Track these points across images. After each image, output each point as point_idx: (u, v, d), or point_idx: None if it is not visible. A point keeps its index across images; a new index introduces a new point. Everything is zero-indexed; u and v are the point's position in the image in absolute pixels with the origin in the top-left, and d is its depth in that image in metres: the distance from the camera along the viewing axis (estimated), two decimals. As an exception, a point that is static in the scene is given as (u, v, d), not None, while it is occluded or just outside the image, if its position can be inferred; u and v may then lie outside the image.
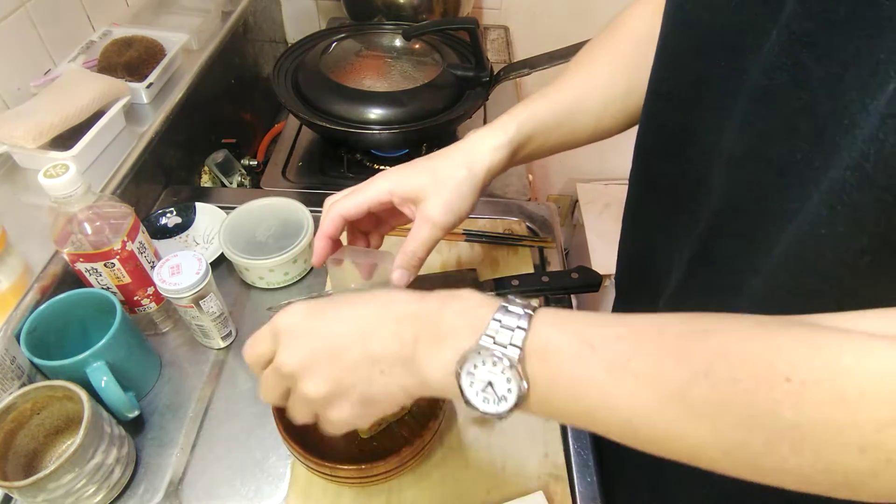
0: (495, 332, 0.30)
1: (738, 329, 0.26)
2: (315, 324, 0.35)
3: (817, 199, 0.28)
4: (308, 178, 0.89)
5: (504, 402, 0.30)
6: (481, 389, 0.30)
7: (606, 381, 0.28)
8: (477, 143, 0.48)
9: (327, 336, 0.35)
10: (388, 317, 0.34)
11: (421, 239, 0.46)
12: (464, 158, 0.47)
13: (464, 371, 0.30)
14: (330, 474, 0.46)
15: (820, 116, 0.28)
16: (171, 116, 0.81)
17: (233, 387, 0.61)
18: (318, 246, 0.48)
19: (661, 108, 0.43)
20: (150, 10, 0.97)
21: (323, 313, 0.36)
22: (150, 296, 0.62)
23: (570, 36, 0.75)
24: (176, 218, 0.75)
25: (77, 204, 0.53)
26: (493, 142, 0.48)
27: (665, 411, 0.26)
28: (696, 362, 0.26)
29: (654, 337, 0.28)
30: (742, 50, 0.33)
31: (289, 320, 0.36)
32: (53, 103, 0.69)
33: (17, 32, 0.73)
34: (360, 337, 0.34)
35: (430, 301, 0.34)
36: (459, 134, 0.97)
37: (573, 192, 1.65)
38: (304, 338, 0.35)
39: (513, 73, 0.83)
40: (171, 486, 0.53)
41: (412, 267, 0.46)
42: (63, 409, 0.51)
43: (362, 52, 0.90)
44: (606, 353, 0.28)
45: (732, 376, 0.24)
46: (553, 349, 0.29)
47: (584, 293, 0.68)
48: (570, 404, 0.29)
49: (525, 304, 0.31)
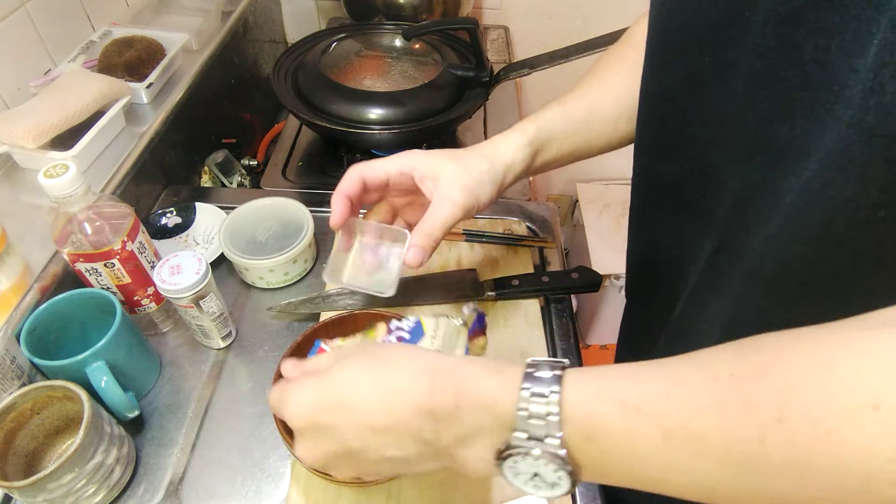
0: (526, 426, 0.27)
1: (798, 357, 0.23)
2: (325, 424, 0.33)
3: (823, 164, 0.27)
4: (308, 178, 0.89)
5: (558, 488, 0.28)
6: (529, 479, 0.28)
7: (665, 450, 0.25)
8: (498, 141, 0.49)
9: (340, 441, 0.33)
10: (401, 416, 0.31)
11: (439, 216, 0.44)
12: (485, 153, 0.48)
13: (505, 466, 0.28)
14: (330, 474, 0.46)
15: (812, 89, 0.28)
16: (171, 116, 0.81)
17: (233, 387, 0.61)
18: (335, 203, 0.47)
19: (655, 108, 0.43)
20: (150, 10, 0.97)
21: (331, 410, 0.33)
22: (150, 296, 0.62)
23: (570, 36, 0.76)
24: (176, 218, 0.75)
25: (77, 204, 0.53)
26: (513, 141, 0.48)
27: (740, 472, 0.23)
28: (764, 408, 0.23)
29: (707, 385, 0.25)
30: (725, 42, 0.33)
31: (298, 416, 0.34)
32: (53, 103, 0.69)
33: (17, 32, 0.73)
34: (377, 446, 0.32)
35: (441, 393, 0.30)
36: (459, 134, 0.97)
37: (573, 192, 1.65)
38: (318, 440, 0.34)
39: (513, 73, 0.83)
40: (171, 486, 0.53)
41: (428, 246, 0.45)
42: (63, 409, 0.51)
43: (362, 52, 0.90)
44: (657, 416, 0.25)
45: (810, 416, 0.22)
46: (596, 426, 0.26)
47: (584, 293, 0.68)
48: (629, 478, 0.27)
49: (548, 379, 0.28)
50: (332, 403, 0.33)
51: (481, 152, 0.48)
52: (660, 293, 0.49)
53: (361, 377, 0.33)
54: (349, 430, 0.32)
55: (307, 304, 0.66)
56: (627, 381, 0.27)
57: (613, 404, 0.26)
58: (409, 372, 0.32)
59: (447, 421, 0.30)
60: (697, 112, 0.38)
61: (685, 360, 0.27)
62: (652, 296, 0.52)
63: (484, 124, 1.00)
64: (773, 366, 0.24)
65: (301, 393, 0.35)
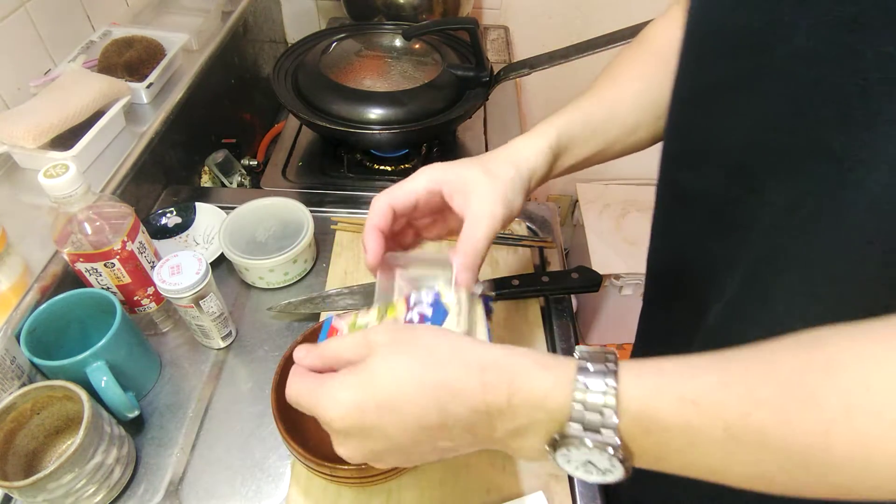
0: (581, 417, 0.28)
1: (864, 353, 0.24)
2: (370, 425, 0.32)
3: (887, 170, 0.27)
4: (308, 178, 0.89)
5: (610, 475, 0.29)
6: (581, 465, 0.29)
7: (725, 442, 0.25)
8: (520, 145, 0.47)
9: (388, 440, 0.32)
10: (453, 414, 0.31)
11: (479, 231, 0.42)
12: (509, 158, 0.46)
13: (558, 454, 0.29)
14: (330, 474, 0.46)
15: (874, 97, 0.27)
16: (171, 116, 0.81)
17: (233, 387, 0.61)
18: (369, 241, 0.43)
19: (686, 114, 0.41)
20: (150, 10, 0.97)
21: (377, 411, 0.32)
22: (150, 296, 0.62)
23: (570, 36, 0.76)
24: (176, 218, 0.75)
25: (77, 204, 0.53)
26: (535, 145, 0.46)
27: (801, 464, 0.24)
28: (830, 404, 0.23)
29: (767, 378, 0.25)
30: (765, 48, 0.32)
31: (339, 418, 0.32)
32: (53, 103, 0.69)
33: (17, 32, 0.73)
34: (428, 438, 0.32)
35: (493, 389, 0.30)
36: (459, 134, 0.97)
37: (573, 192, 1.65)
38: (363, 440, 0.33)
39: (513, 73, 0.83)
40: (171, 486, 0.53)
41: (475, 266, 0.42)
42: (63, 409, 0.51)
43: (362, 52, 0.90)
44: (716, 408, 0.25)
45: (878, 413, 0.22)
46: (653, 419, 0.27)
47: (584, 293, 0.68)
48: (686, 468, 0.27)
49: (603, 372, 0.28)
50: (378, 403, 0.31)
51: (506, 159, 0.46)
52: (686, 299, 0.48)
53: (405, 373, 0.32)
54: (398, 429, 0.32)
55: (307, 304, 0.66)
56: (684, 375, 0.27)
57: (671, 398, 0.26)
58: (456, 367, 0.31)
59: (500, 416, 0.30)
60: (732, 120, 0.37)
61: (741, 352, 0.27)
62: (676, 301, 0.51)
63: (484, 124, 1.00)
64: (838, 361, 0.24)
65: (340, 392, 0.32)
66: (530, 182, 0.46)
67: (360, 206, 0.79)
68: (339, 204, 0.80)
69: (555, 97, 1.43)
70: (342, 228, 0.75)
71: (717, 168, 0.39)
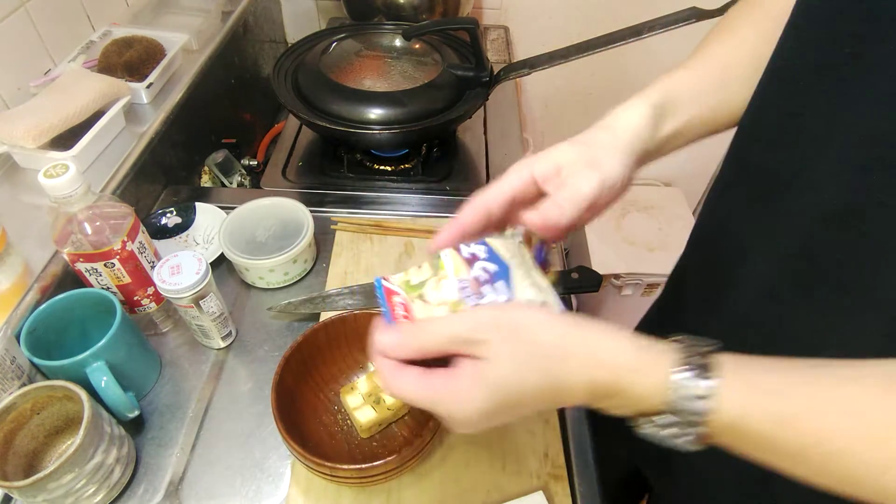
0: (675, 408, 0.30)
1: None
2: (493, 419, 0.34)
3: None
4: (308, 178, 0.89)
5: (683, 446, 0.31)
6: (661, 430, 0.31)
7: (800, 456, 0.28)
8: (618, 109, 0.44)
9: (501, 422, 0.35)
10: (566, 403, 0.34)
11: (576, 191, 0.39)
12: (605, 123, 0.43)
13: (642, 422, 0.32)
14: (330, 474, 0.46)
15: None
16: (171, 116, 0.81)
17: (233, 387, 0.61)
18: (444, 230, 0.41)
19: (773, 87, 0.40)
20: (150, 10, 0.97)
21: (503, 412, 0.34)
22: (150, 296, 0.63)
23: (570, 36, 0.75)
24: (176, 218, 0.75)
25: (77, 204, 0.53)
26: (634, 105, 0.44)
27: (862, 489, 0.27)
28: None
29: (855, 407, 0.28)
30: (870, 39, 0.31)
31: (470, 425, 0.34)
32: (53, 103, 0.69)
33: (17, 32, 0.73)
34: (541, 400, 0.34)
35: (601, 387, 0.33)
36: (459, 134, 0.97)
37: (573, 192, 1.64)
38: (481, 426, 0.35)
39: (513, 73, 0.83)
40: (171, 486, 0.53)
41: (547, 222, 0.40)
42: (63, 409, 0.51)
43: (362, 52, 0.90)
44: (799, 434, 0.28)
45: None
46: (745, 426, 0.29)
47: (584, 293, 0.68)
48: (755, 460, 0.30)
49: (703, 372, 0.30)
50: (504, 407, 0.34)
51: (602, 125, 0.43)
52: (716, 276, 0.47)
53: (527, 377, 0.33)
54: (514, 416, 0.35)
55: (307, 304, 0.66)
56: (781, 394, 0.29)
57: (763, 415, 0.28)
58: (571, 368, 0.33)
59: (604, 401, 0.33)
60: (817, 104, 0.35)
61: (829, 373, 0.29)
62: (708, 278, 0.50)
63: (484, 124, 1.00)
64: None
65: (470, 400, 0.34)
66: (632, 141, 0.42)
67: (359, 205, 0.79)
68: (339, 204, 0.80)
69: (555, 97, 1.43)
70: (342, 228, 0.75)
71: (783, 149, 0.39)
